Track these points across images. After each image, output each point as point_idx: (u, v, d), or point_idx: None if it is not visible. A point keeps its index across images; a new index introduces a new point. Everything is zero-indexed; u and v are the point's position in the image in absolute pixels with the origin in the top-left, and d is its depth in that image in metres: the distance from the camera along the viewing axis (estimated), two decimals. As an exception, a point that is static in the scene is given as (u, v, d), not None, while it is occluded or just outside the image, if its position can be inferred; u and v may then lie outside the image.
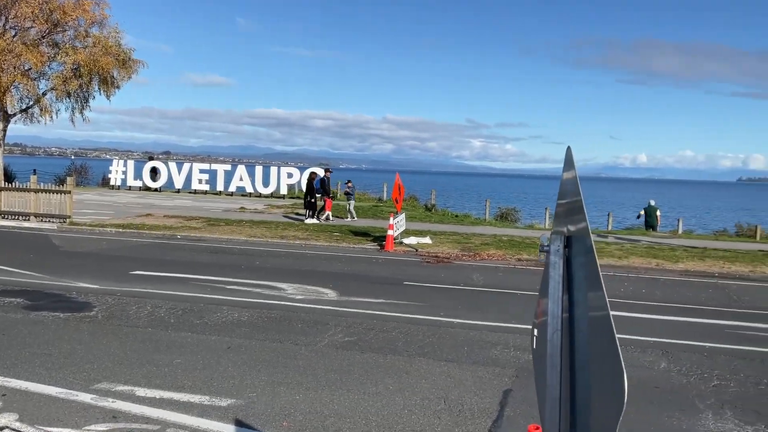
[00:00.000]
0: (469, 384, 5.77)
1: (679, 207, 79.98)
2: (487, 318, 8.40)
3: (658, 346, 7.22)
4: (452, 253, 14.75)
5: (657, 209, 24.10)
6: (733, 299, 10.50)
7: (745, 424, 4.91)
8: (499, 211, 29.57)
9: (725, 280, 12.45)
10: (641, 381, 5.91)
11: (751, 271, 13.38)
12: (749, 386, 5.87)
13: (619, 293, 10.60)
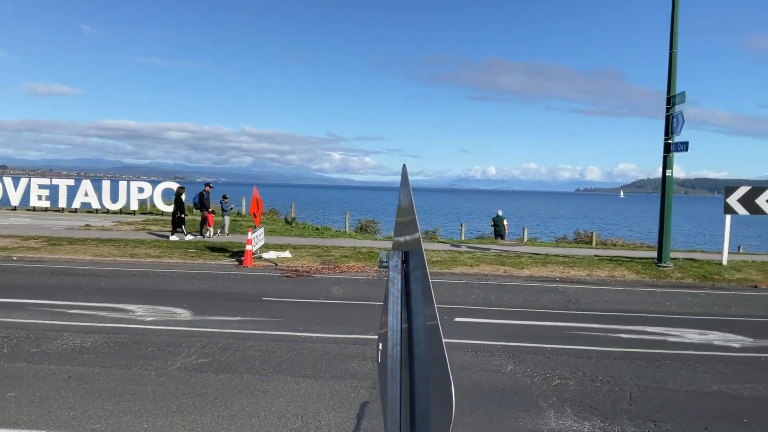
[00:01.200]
0: (327, 399, 5.76)
1: (527, 216, 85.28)
2: (347, 330, 8.45)
3: (506, 350, 7.61)
4: (312, 267, 14.71)
5: (504, 219, 25.51)
6: (571, 302, 11.32)
7: (583, 420, 5.28)
8: (359, 223, 29.93)
9: (565, 284, 13.40)
10: (490, 384, 6.20)
11: (588, 275, 14.52)
12: (586, 383, 6.32)
13: (471, 300, 11.09)
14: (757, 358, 7.49)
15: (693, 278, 14.32)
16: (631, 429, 5.08)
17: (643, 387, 6.23)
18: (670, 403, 5.76)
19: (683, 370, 6.86)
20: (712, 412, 5.52)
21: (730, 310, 10.86)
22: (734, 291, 13.15)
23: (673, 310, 10.65)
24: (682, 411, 5.54)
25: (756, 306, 11.35)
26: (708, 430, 5.07)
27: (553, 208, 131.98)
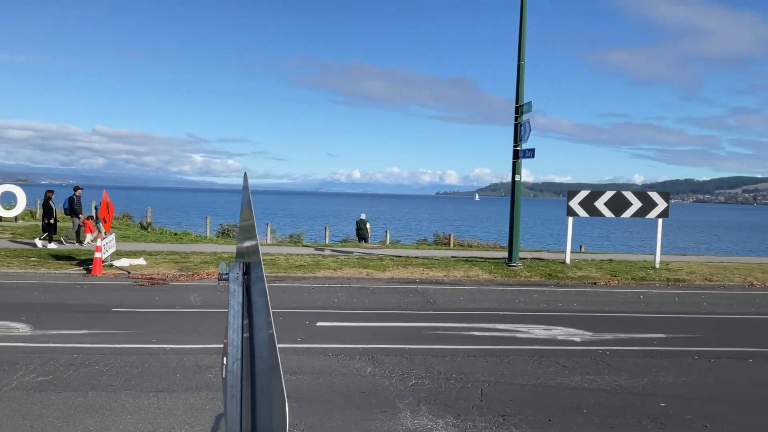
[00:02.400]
0: (180, 413, 5.52)
1: (391, 219, 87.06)
2: (204, 340, 8.15)
3: (366, 352, 7.70)
4: (169, 274, 14.08)
5: (367, 222, 25.88)
6: (430, 302, 11.68)
7: (437, 418, 5.44)
8: (221, 227, 29.11)
9: (424, 285, 13.81)
10: (349, 388, 6.24)
11: (445, 276, 15.06)
12: (441, 382, 6.53)
13: (334, 303, 11.12)
14: (596, 351, 8.10)
15: (540, 276, 15.28)
16: (482, 424, 5.31)
17: (493, 382, 6.54)
18: (517, 397, 6.09)
19: (530, 365, 7.28)
20: (555, 404, 5.89)
21: (572, 306, 11.69)
22: (576, 288, 14.18)
23: (521, 308, 11.30)
24: (528, 404, 5.87)
25: (595, 301, 12.30)
26: (551, 422, 5.40)
27: (415, 210, 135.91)
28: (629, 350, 8.16)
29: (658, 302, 12.43)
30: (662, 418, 5.55)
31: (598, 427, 5.30)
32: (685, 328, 9.81)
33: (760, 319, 10.94)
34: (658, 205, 17.27)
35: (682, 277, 15.61)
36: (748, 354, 8.10)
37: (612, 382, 6.66)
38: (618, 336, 8.97)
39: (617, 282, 15.06)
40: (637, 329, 9.50)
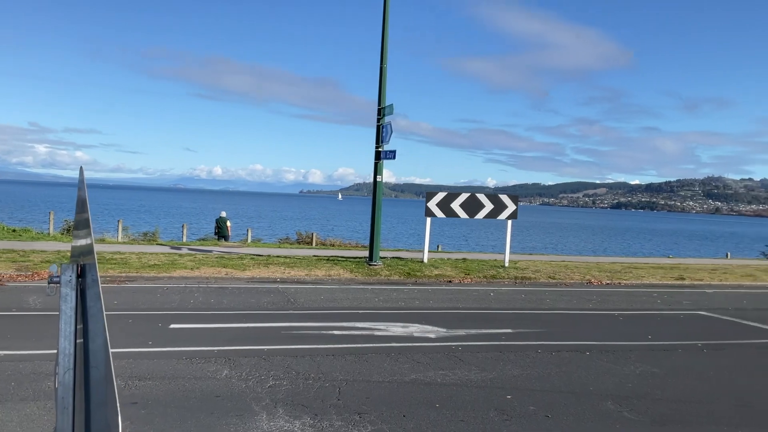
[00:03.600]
0: (14, 425, 5.06)
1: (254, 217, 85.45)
2: (44, 346, 7.54)
3: (222, 354, 7.49)
4: (5, 274, 12.90)
5: (227, 220, 25.24)
6: (290, 302, 11.58)
7: (294, 419, 5.40)
8: (66, 224, 27.11)
9: (285, 285, 13.68)
10: (204, 392, 6.03)
11: (307, 275, 15.01)
12: (300, 382, 6.49)
13: (189, 305, 10.72)
14: (449, 346, 8.42)
15: (399, 275, 15.65)
16: (339, 423, 5.33)
17: (351, 381, 6.59)
18: (374, 394, 6.18)
19: (387, 362, 7.43)
20: (410, 400, 6.05)
21: (428, 303, 12.08)
22: (433, 286, 14.68)
23: (380, 306, 11.51)
24: (384, 401, 5.98)
25: (450, 299, 12.79)
26: (406, 417, 5.54)
27: (278, 209, 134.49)
28: (480, 345, 8.56)
29: (507, 299, 13.16)
30: (508, 409, 5.87)
31: (449, 420, 5.51)
32: (531, 323, 10.45)
33: (596, 314, 11.89)
34: (508, 207, 18.29)
35: (529, 275, 16.64)
36: (585, 347, 8.77)
37: (463, 377, 6.95)
38: (470, 332, 9.39)
39: (470, 280, 15.76)
40: (487, 325, 10.00)
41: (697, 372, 7.62)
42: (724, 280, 18.08)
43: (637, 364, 7.84)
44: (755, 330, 10.73)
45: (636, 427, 5.51)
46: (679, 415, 5.87)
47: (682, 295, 15.07)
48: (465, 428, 5.33)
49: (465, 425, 5.41)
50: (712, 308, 13.00)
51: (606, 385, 6.88)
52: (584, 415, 5.79)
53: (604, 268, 18.88)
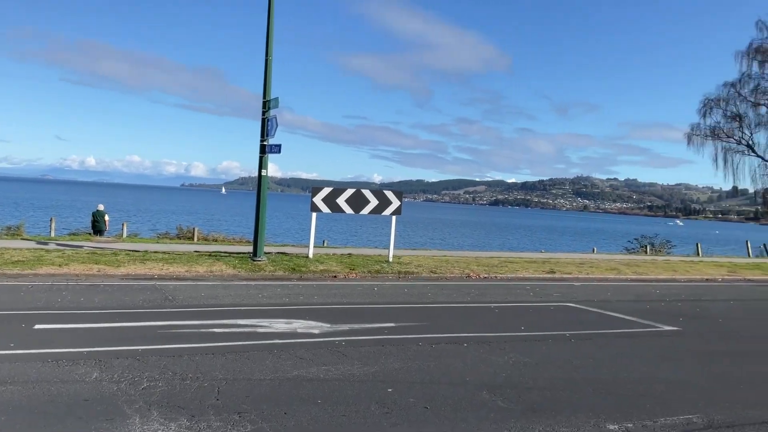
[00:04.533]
0: None
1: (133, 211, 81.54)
2: None
3: (92, 356, 7.08)
4: None
5: (105, 214, 23.96)
6: (168, 299, 11.16)
7: (170, 421, 5.20)
8: None
9: (164, 282, 13.16)
10: (71, 396, 5.68)
11: (187, 271, 14.52)
12: (176, 383, 6.26)
13: (57, 304, 10.08)
14: (332, 341, 8.43)
15: (284, 271, 15.50)
16: (217, 423, 5.20)
17: (231, 380, 6.45)
18: (255, 392, 6.08)
19: (269, 359, 7.33)
20: (292, 397, 6.00)
21: (313, 299, 12.04)
22: (318, 281, 14.66)
23: (264, 302, 11.34)
24: (265, 399, 5.89)
25: (335, 294, 12.82)
26: (287, 414, 5.48)
27: (158, 202, 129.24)
28: (363, 339, 8.63)
29: (391, 293, 13.38)
30: (389, 402, 5.96)
31: (330, 416, 5.51)
32: (413, 317, 10.68)
33: (474, 307, 12.34)
34: (392, 203, 18.59)
35: (412, 270, 16.99)
36: (463, 339, 9.07)
37: (346, 372, 6.98)
38: (353, 327, 9.45)
39: (355, 275, 15.88)
40: (371, 319, 10.11)
41: (564, 361, 8.09)
42: (590, 273, 19.31)
43: (510, 355, 8.21)
44: (617, 320, 11.54)
45: (508, 415, 5.76)
46: (549, 403, 6.20)
47: (552, 287, 15.95)
48: (346, 423, 5.36)
49: (346, 420, 5.43)
50: (579, 300, 13.85)
51: (482, 375, 7.16)
52: (461, 405, 5.99)
53: (483, 263, 19.62)
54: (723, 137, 41.52)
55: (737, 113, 40.90)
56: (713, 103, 41.45)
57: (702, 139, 42.00)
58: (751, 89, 40.33)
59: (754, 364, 8.52)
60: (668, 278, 19.98)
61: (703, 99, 41.82)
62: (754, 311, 13.88)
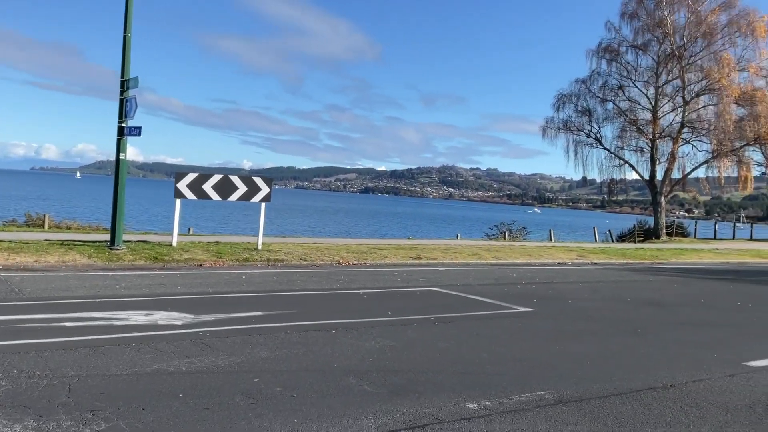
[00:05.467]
0: None
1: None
2: None
3: None
4: None
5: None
6: (14, 292, 10.31)
7: (14, 422, 4.81)
8: None
9: (9, 273, 12.15)
10: None
11: (36, 261, 13.47)
12: (22, 381, 5.80)
13: None
14: (196, 333, 8.17)
15: (145, 260, 14.79)
16: (68, 422, 4.87)
17: (84, 376, 6.06)
18: (110, 388, 5.76)
19: (126, 354, 6.97)
20: (151, 392, 5.74)
21: (176, 289, 11.60)
22: (182, 270, 14.13)
23: (122, 294, 10.77)
24: (122, 395, 5.60)
25: (200, 284, 12.42)
26: (146, 410, 5.24)
27: (4, 188, 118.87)
28: (229, 330, 8.44)
29: (259, 281, 13.18)
30: (254, 392, 5.87)
31: (192, 409, 5.34)
32: (282, 304, 10.59)
33: (343, 293, 12.43)
34: (262, 190, 18.28)
35: (281, 258, 16.83)
36: (332, 326, 9.11)
37: (210, 363, 6.79)
38: (219, 317, 9.21)
39: (223, 263, 15.48)
40: (238, 309, 9.90)
41: (429, 344, 8.35)
42: (454, 258, 20.08)
43: (377, 339, 8.36)
44: (478, 303, 12.08)
45: (374, 399, 5.86)
46: (413, 385, 6.38)
47: (419, 273, 16.42)
48: (209, 416, 5.21)
49: (209, 413, 5.28)
50: (444, 285, 14.36)
51: (349, 360, 7.23)
52: (328, 392, 6.02)
53: (353, 249, 19.81)
54: (574, 130, 44.57)
55: (587, 108, 44.06)
56: (566, 98, 44.37)
57: (555, 132, 44.87)
58: (599, 86, 43.58)
59: (599, 341, 9.24)
60: (524, 262, 21.21)
61: (557, 94, 44.70)
62: (599, 291, 15.06)
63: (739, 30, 39.40)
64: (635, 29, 42.38)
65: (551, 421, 5.51)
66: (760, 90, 39.85)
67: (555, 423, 5.47)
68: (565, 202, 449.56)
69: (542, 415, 5.67)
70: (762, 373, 7.68)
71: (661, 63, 41.44)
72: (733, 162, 41.62)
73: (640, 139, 43.28)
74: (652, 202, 43.79)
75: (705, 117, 41.47)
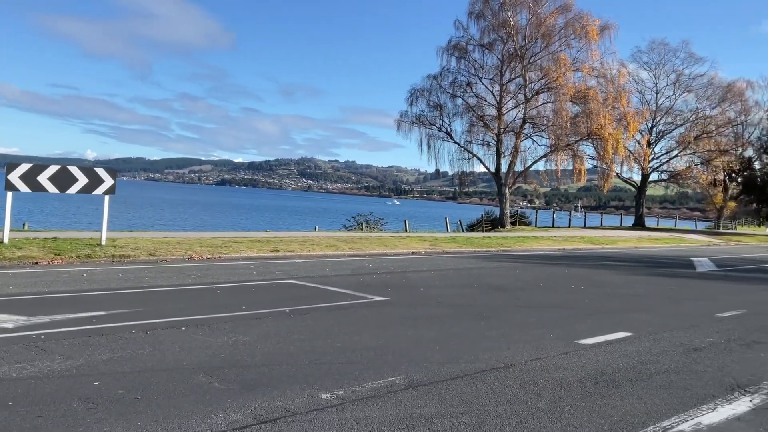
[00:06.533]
0: None
1: None
2: None
3: None
4: None
5: None
6: None
7: None
8: None
9: None
10: None
11: None
12: None
13: None
14: (29, 336, 7.55)
15: (-30, 259, 13.41)
16: None
17: None
18: (-76, 402, 5.17)
19: (-55, 363, 6.30)
20: (-27, 402, 5.23)
21: (8, 289, 10.65)
22: (14, 269, 12.99)
23: (-58, 297, 9.71)
24: (-62, 409, 5.05)
25: (35, 283, 11.48)
26: (-34, 423, 4.77)
27: None
28: (67, 331, 7.87)
29: (102, 279, 12.41)
30: (94, 397, 5.53)
31: (23, 418, 4.93)
32: (127, 303, 10.04)
33: (195, 289, 12.03)
34: (105, 182, 17.23)
35: (128, 253, 15.95)
36: (182, 323, 8.78)
37: (45, 368, 6.30)
38: (56, 318, 8.57)
39: (62, 261, 14.41)
40: (77, 309, 9.26)
41: (284, 336, 8.30)
42: (311, 250, 20.09)
43: (230, 335, 8.18)
44: (334, 293, 12.17)
45: (225, 396, 5.74)
46: (266, 379, 6.31)
47: (275, 265, 16.25)
48: (43, 425, 4.84)
49: (43, 421, 4.91)
50: (300, 276, 14.32)
51: (199, 358, 7.01)
52: (176, 392, 5.80)
53: (206, 243, 19.21)
54: (427, 124, 46.20)
55: (438, 103, 45.81)
56: (419, 93, 45.85)
57: (409, 126, 46.28)
58: (449, 82, 45.45)
59: (448, 326, 9.65)
60: (380, 252, 21.67)
61: (411, 89, 46.08)
62: (449, 278, 15.73)
63: (574, 32, 42.77)
64: (482, 29, 44.66)
65: (401, 406, 5.68)
66: (592, 89, 43.54)
67: (405, 407, 5.65)
68: (420, 194, 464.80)
69: (393, 400, 5.84)
70: (592, 350, 8.40)
71: (505, 62, 43.95)
72: (569, 156, 45.21)
73: (487, 133, 45.73)
74: (498, 194, 46.45)
75: (544, 114, 44.66)
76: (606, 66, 46.34)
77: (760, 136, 57.37)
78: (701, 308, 12.57)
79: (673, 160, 61.98)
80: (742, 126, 59.46)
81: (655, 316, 11.31)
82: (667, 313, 11.84)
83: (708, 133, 58.36)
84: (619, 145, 44.59)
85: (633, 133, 50.37)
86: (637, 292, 14.76)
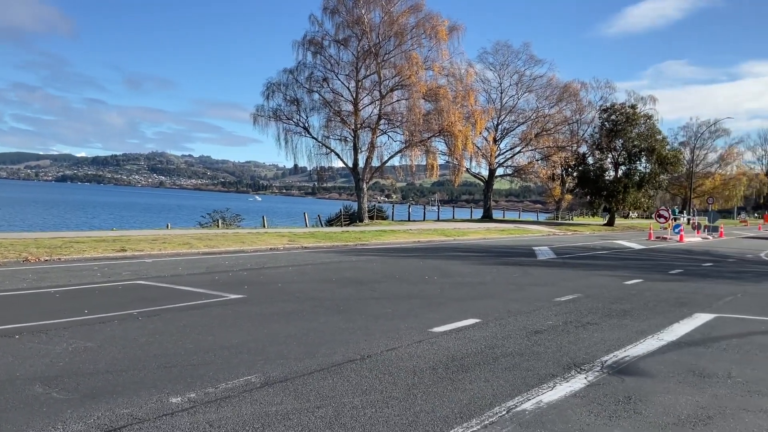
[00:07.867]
0: None
1: None
2: None
3: None
4: None
5: None
6: None
7: None
8: None
9: None
10: None
11: None
12: None
13: None
14: None
15: None
16: None
17: None
18: None
19: None
20: None
21: None
22: None
23: None
24: None
25: None
26: None
27: None
28: None
29: None
30: None
31: None
32: (-51, 312, 9.06)
33: (31, 293, 11.11)
34: None
35: (-49, 258, 14.40)
36: (15, 330, 8.10)
37: None
38: None
39: None
40: None
41: (130, 340, 7.89)
42: (163, 249, 19.23)
43: (70, 341, 7.64)
44: (187, 293, 11.75)
45: (65, 406, 5.36)
46: (111, 386, 5.97)
47: (123, 266, 15.39)
48: None
49: None
50: (150, 277, 13.67)
51: (36, 367, 6.49)
52: (8, 405, 5.33)
53: (44, 244, 17.79)
54: (284, 119, 45.72)
55: (295, 98, 45.47)
56: (275, 87, 45.24)
57: (266, 120, 45.55)
58: (306, 77, 45.25)
59: (306, 321, 9.64)
60: (237, 249, 21.19)
61: (267, 83, 45.33)
62: (307, 274, 15.71)
63: (425, 32, 44.21)
64: (337, 24, 44.89)
65: (257, 404, 5.60)
66: (443, 87, 45.27)
67: (261, 405, 5.57)
68: (279, 190, 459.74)
69: (248, 399, 5.74)
70: (443, 338, 8.75)
71: (360, 58, 44.51)
72: (423, 151, 46.72)
73: (344, 129, 46.11)
74: (356, 189, 47.02)
75: (399, 110, 45.78)
76: (455, 65, 48.48)
77: (592, 134, 62.45)
78: (542, 294, 13.50)
79: (516, 156, 66.06)
80: (577, 124, 64.48)
81: (500, 303, 12.00)
82: (511, 299, 12.60)
83: (547, 130, 62.79)
84: (468, 141, 46.72)
85: (480, 131, 52.98)
86: (485, 280, 15.57)
